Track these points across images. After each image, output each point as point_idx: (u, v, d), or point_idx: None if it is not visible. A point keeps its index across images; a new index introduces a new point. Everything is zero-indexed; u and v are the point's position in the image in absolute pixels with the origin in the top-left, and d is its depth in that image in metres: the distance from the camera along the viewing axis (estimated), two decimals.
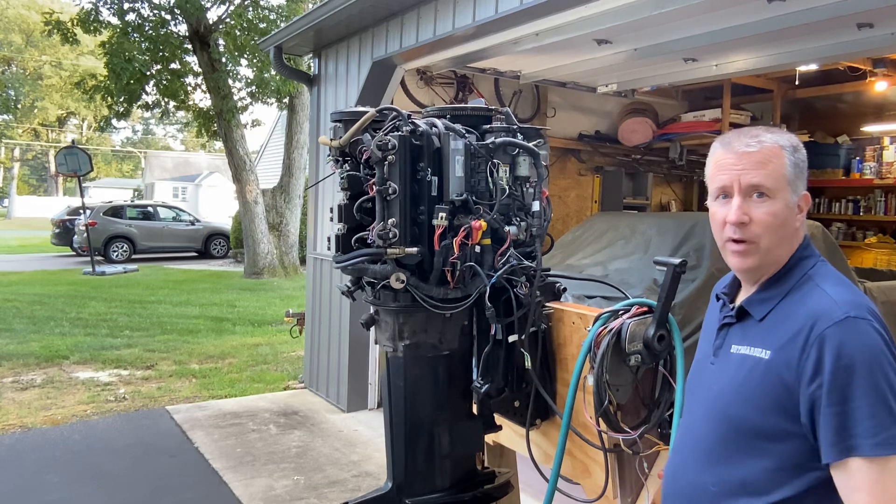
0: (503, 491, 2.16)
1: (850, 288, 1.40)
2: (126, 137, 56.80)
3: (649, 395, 1.89)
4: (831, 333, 1.29)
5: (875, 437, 1.22)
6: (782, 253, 1.46)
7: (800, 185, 1.45)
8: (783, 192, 1.42)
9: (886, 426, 1.23)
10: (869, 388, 1.25)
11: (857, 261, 7.71)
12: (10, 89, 35.12)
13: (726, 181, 1.45)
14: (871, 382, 1.25)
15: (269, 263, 15.01)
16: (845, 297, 1.35)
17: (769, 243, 1.43)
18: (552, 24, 4.12)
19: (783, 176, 1.42)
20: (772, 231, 1.42)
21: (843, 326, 1.29)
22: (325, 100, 6.27)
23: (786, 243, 1.45)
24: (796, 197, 1.45)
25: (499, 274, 1.90)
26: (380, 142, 1.83)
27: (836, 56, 5.57)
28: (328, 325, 6.11)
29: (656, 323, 1.77)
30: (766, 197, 1.42)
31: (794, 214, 1.45)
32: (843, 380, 1.26)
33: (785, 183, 1.42)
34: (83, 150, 17.11)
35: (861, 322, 1.30)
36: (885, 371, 1.26)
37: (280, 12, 13.74)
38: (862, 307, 1.33)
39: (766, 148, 1.43)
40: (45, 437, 5.15)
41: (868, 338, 1.28)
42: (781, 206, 1.42)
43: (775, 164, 1.42)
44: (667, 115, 8.00)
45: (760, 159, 1.42)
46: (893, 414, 1.24)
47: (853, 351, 1.27)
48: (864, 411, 1.24)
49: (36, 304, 10.95)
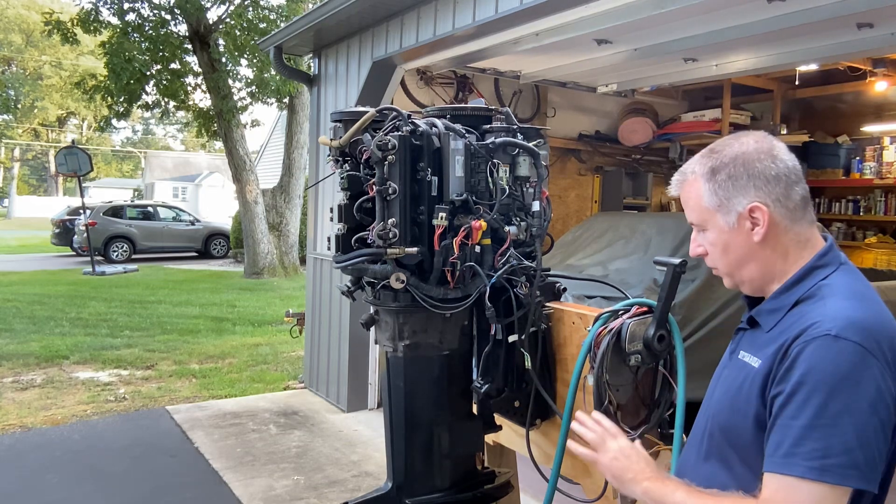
0: (503, 491, 2.16)
1: (856, 303, 1.30)
2: (126, 137, 56.86)
3: (649, 395, 1.89)
4: (808, 348, 1.25)
5: (813, 460, 1.20)
6: (754, 272, 1.43)
7: (736, 201, 1.39)
8: (711, 220, 1.43)
9: (828, 453, 1.19)
10: (821, 411, 1.21)
11: (857, 261, 7.71)
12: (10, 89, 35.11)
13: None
14: (824, 405, 1.21)
15: (269, 263, 15.01)
16: (841, 314, 1.27)
17: (724, 267, 1.46)
18: (552, 24, 4.12)
19: (703, 208, 1.43)
20: (720, 258, 1.45)
21: (822, 343, 1.24)
22: (325, 100, 6.27)
23: (752, 261, 1.42)
24: (733, 216, 1.39)
25: (499, 274, 1.90)
26: (380, 142, 1.83)
27: (836, 56, 5.58)
28: (328, 325, 6.11)
29: (656, 323, 1.77)
30: (701, 229, 1.47)
31: (742, 232, 1.39)
32: (802, 396, 1.23)
33: (708, 212, 1.43)
34: (83, 150, 17.10)
35: (842, 342, 1.23)
36: (847, 397, 1.20)
37: (280, 12, 13.73)
38: (853, 326, 1.24)
39: (685, 184, 1.47)
40: (45, 437, 5.15)
41: (840, 360, 1.22)
42: (715, 234, 1.43)
43: (694, 198, 1.45)
44: (667, 115, 8.00)
45: (683, 198, 1.48)
46: (839, 441, 1.19)
47: (815, 370, 1.23)
48: (809, 432, 1.21)
49: (36, 304, 10.95)
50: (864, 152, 8.16)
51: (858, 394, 1.21)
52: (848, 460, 1.19)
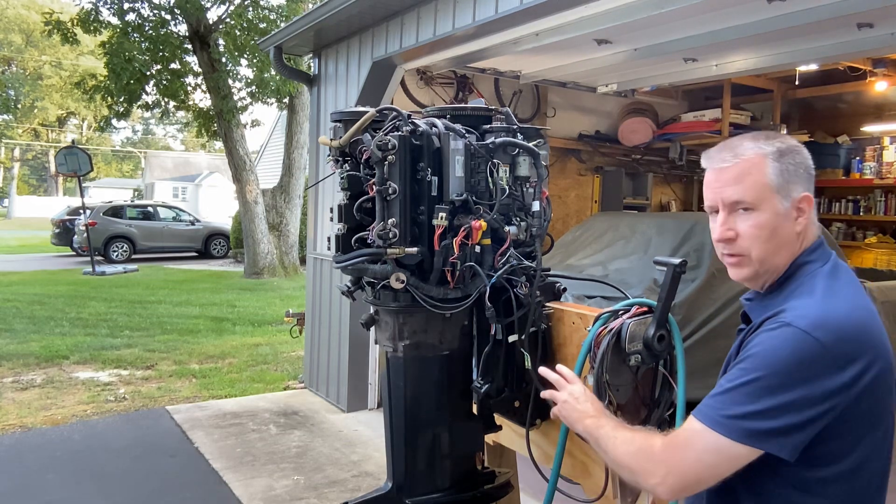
0: (503, 491, 2.16)
1: (829, 300, 1.36)
2: (126, 137, 56.86)
3: (649, 395, 1.89)
4: (764, 330, 1.36)
5: (717, 411, 1.33)
6: (780, 259, 1.45)
7: (794, 188, 1.42)
8: (768, 201, 1.41)
9: (737, 415, 1.30)
10: (747, 380, 1.31)
11: (857, 261, 7.71)
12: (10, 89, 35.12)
13: (711, 199, 1.48)
14: (751, 375, 1.31)
15: (269, 263, 15.01)
16: (805, 309, 1.34)
17: (761, 254, 1.43)
18: (552, 24, 4.12)
19: (765, 185, 1.41)
20: (761, 242, 1.42)
21: (778, 329, 1.33)
22: (325, 100, 6.27)
23: (784, 250, 1.44)
24: (788, 202, 1.42)
25: (499, 274, 1.90)
26: (380, 142, 1.82)
27: (836, 56, 5.58)
28: (328, 325, 6.11)
29: (656, 323, 1.77)
30: (751, 210, 1.42)
31: (790, 220, 1.43)
32: (741, 364, 1.35)
33: (769, 191, 1.41)
34: (83, 150, 17.10)
35: (790, 329, 1.31)
36: (774, 374, 1.29)
37: (280, 12, 13.73)
38: (807, 318, 1.31)
39: (743, 160, 1.42)
40: (45, 437, 5.15)
41: (782, 342, 1.30)
42: (768, 216, 1.41)
43: (754, 175, 1.41)
44: (667, 115, 8.00)
45: (737, 174, 1.42)
46: (743, 406, 1.30)
47: (763, 347, 1.33)
48: (728, 392, 1.33)
49: (36, 304, 10.95)
50: (864, 152, 8.17)
51: (790, 374, 1.28)
52: (754, 425, 1.29)
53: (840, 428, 1.32)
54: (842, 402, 1.29)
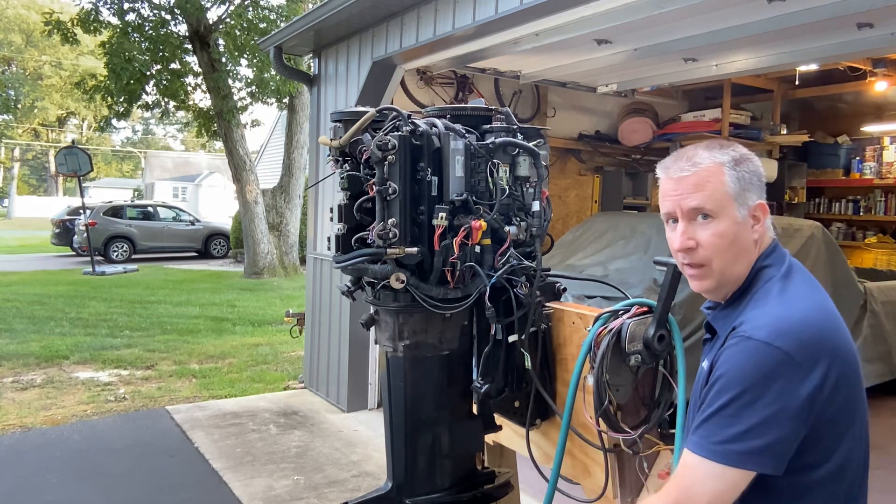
0: (503, 491, 2.16)
1: (783, 305, 1.38)
2: (126, 137, 56.86)
3: (649, 395, 1.89)
4: (728, 346, 1.37)
5: (703, 438, 1.34)
6: (740, 268, 1.46)
7: (750, 195, 1.44)
8: (727, 208, 1.42)
9: (713, 435, 1.32)
10: (723, 403, 1.32)
11: (857, 261, 7.71)
12: (10, 89, 35.13)
13: (669, 208, 1.47)
14: (724, 397, 1.32)
15: (269, 263, 15.01)
16: (761, 319, 1.35)
17: (722, 263, 1.44)
18: (552, 24, 4.12)
19: (725, 193, 1.42)
20: (722, 251, 1.43)
21: (737, 343, 1.34)
22: (325, 100, 6.27)
23: (743, 257, 1.45)
24: (745, 210, 1.43)
25: (499, 274, 1.90)
26: (380, 142, 1.83)
27: (836, 56, 5.58)
28: (328, 325, 6.11)
29: (656, 323, 1.77)
30: (711, 217, 1.42)
31: (747, 228, 1.44)
32: (716, 389, 1.35)
33: (728, 199, 1.42)
34: (83, 150, 17.10)
35: (752, 343, 1.32)
36: (745, 390, 1.30)
37: (280, 12, 13.73)
38: (765, 328, 1.32)
39: (702, 169, 1.43)
40: (45, 437, 5.15)
41: (748, 358, 1.32)
42: (728, 224, 1.42)
43: (713, 183, 1.42)
44: (667, 115, 8.00)
45: (697, 181, 1.43)
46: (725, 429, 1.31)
47: (731, 366, 1.34)
48: (708, 418, 1.35)
49: (36, 304, 10.95)
50: (864, 152, 8.17)
51: (762, 389, 1.29)
52: (745, 446, 1.30)
53: (820, 431, 1.33)
54: (817, 406, 1.31)
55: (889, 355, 5.65)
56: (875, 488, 1.44)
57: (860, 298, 5.47)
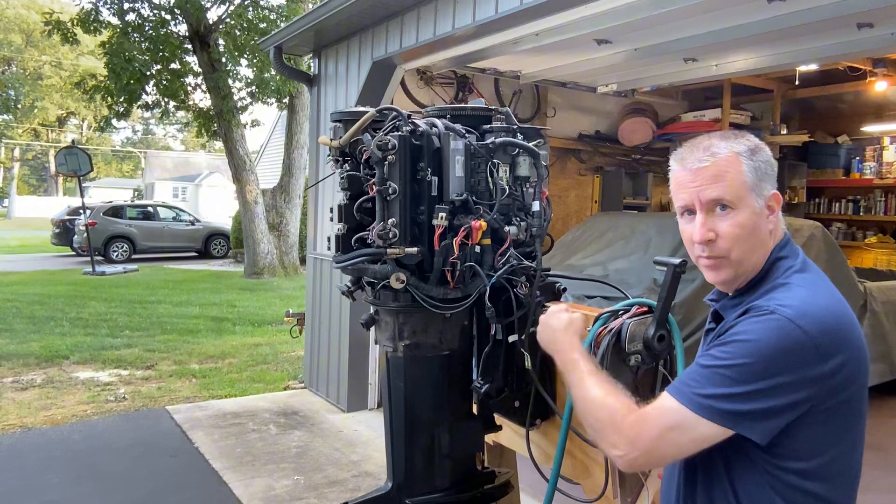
0: (503, 491, 2.16)
1: (808, 292, 1.37)
2: (126, 137, 56.85)
3: (649, 395, 1.89)
4: (748, 319, 1.35)
5: (691, 388, 1.33)
6: (757, 259, 1.45)
7: (766, 185, 1.43)
8: (746, 199, 1.41)
9: (712, 394, 1.30)
10: (727, 363, 1.31)
11: (857, 261, 7.72)
12: (10, 89, 35.15)
13: (686, 199, 1.45)
14: (732, 358, 1.31)
15: (269, 263, 15.01)
16: (787, 300, 1.34)
17: (740, 254, 1.43)
18: (552, 24, 4.12)
19: (743, 183, 1.40)
20: (741, 241, 1.42)
21: (763, 316, 1.33)
22: (325, 100, 6.27)
23: (760, 248, 1.44)
24: (763, 200, 1.43)
25: (499, 274, 1.90)
26: (380, 142, 1.83)
27: (836, 56, 5.58)
28: (328, 325, 6.11)
29: (656, 323, 1.77)
30: (730, 209, 1.41)
31: (765, 217, 1.44)
32: (720, 347, 1.35)
33: (746, 190, 1.41)
34: (83, 150, 17.11)
35: (773, 317, 1.31)
36: (756, 358, 1.29)
37: (280, 12, 13.73)
38: (791, 308, 1.31)
39: (720, 159, 1.41)
40: (45, 437, 5.15)
41: (765, 328, 1.30)
42: (747, 215, 1.41)
43: (732, 174, 1.41)
44: (667, 115, 8.01)
45: (715, 172, 1.41)
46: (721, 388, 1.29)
47: (745, 332, 1.33)
48: (707, 372, 1.33)
49: (36, 304, 10.95)
50: (864, 152, 8.17)
51: (771, 359, 1.28)
52: (728, 406, 1.29)
53: (816, 421, 1.32)
54: (819, 393, 1.30)
55: (889, 355, 5.65)
56: (875, 489, 1.44)
57: (860, 298, 5.47)
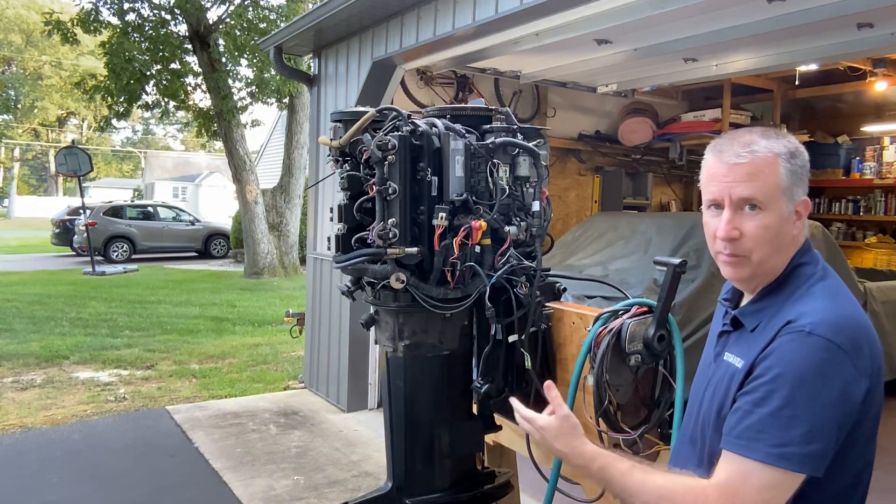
0: (503, 491, 2.16)
1: (834, 302, 1.34)
2: (126, 137, 56.87)
3: (649, 395, 1.89)
4: (783, 343, 1.29)
5: (774, 447, 1.24)
6: (777, 262, 1.41)
7: (798, 190, 1.39)
8: (777, 202, 1.37)
9: (789, 441, 1.23)
10: (788, 401, 1.25)
11: (857, 261, 7.72)
12: (10, 89, 35.14)
13: (717, 193, 1.41)
14: (791, 396, 1.25)
15: (269, 263, 15.01)
16: (818, 313, 1.30)
17: (762, 255, 1.39)
18: (552, 24, 4.12)
19: (777, 186, 1.36)
20: (765, 244, 1.38)
21: (795, 338, 1.28)
22: (325, 100, 6.27)
23: (782, 252, 1.41)
24: (792, 204, 1.39)
25: (499, 274, 1.90)
26: (380, 142, 1.83)
27: (836, 56, 5.58)
28: (328, 325, 6.11)
29: (656, 323, 1.77)
30: (759, 209, 1.37)
31: (791, 222, 1.40)
32: (768, 385, 1.27)
33: (779, 193, 1.37)
34: (83, 150, 17.10)
35: (813, 338, 1.26)
36: (813, 389, 1.24)
37: (280, 12, 13.73)
38: (826, 324, 1.27)
39: (758, 157, 1.37)
40: (45, 437, 5.15)
41: (808, 354, 1.25)
42: (775, 218, 1.37)
43: (767, 175, 1.36)
44: (667, 115, 8.00)
45: (752, 170, 1.36)
46: (800, 432, 1.23)
47: (786, 362, 1.27)
48: (775, 420, 1.25)
49: (36, 304, 10.95)
50: (864, 152, 8.17)
51: (824, 388, 1.24)
52: (806, 450, 1.23)
53: (854, 436, 1.30)
54: (863, 410, 1.28)
55: (889, 355, 5.65)
56: (875, 488, 1.43)
57: (860, 298, 5.47)
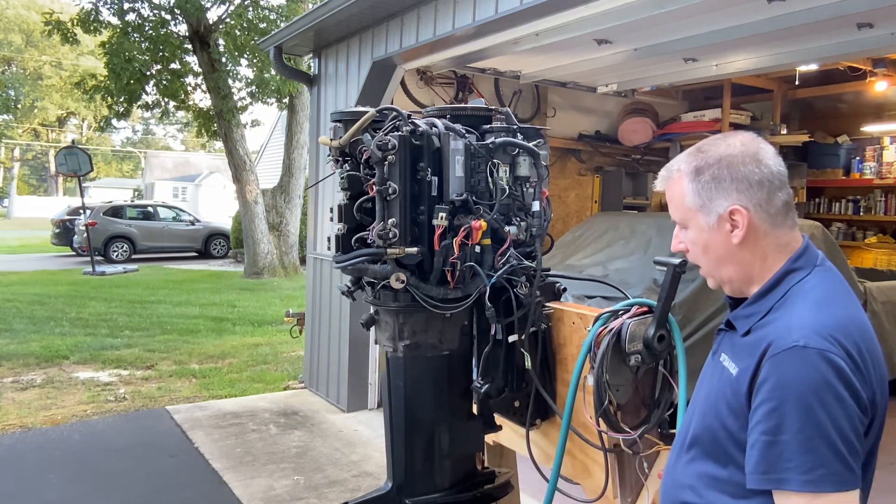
0: (503, 491, 2.16)
1: (825, 308, 1.31)
2: (126, 137, 56.86)
3: (649, 395, 1.89)
4: (777, 361, 1.26)
5: (806, 473, 1.20)
6: (730, 272, 1.43)
7: (716, 203, 1.39)
8: (693, 219, 1.44)
9: (819, 464, 1.20)
10: (804, 423, 1.21)
11: (857, 261, 7.71)
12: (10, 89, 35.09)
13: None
14: (805, 417, 1.21)
15: (269, 263, 15.01)
16: (807, 322, 1.28)
17: (707, 267, 1.47)
18: (552, 24, 4.12)
19: (685, 207, 1.44)
20: (699, 257, 1.46)
21: (789, 355, 1.25)
22: (325, 100, 6.27)
23: (731, 262, 1.42)
24: (713, 217, 1.39)
25: (499, 274, 1.90)
26: (380, 142, 1.83)
27: (836, 56, 5.58)
28: (328, 325, 6.11)
29: (656, 323, 1.77)
30: (683, 227, 1.48)
31: (722, 233, 1.40)
32: (779, 411, 1.24)
33: (691, 211, 1.43)
34: (83, 150, 17.10)
35: (809, 352, 1.23)
36: (825, 405, 1.21)
37: (280, 12, 13.73)
38: (819, 334, 1.25)
39: (671, 181, 1.47)
40: (45, 437, 5.15)
41: (810, 370, 1.22)
42: (695, 233, 1.44)
43: (677, 196, 1.45)
44: (667, 115, 8.00)
45: (669, 194, 1.49)
46: (826, 451, 1.20)
47: (791, 383, 1.23)
48: (796, 446, 1.21)
49: (36, 304, 10.95)
50: (864, 152, 8.16)
51: (832, 401, 1.21)
52: (837, 468, 1.20)
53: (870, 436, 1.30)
54: (871, 411, 1.27)
55: (889, 355, 5.65)
56: (875, 489, 1.43)
57: (860, 298, 5.46)
